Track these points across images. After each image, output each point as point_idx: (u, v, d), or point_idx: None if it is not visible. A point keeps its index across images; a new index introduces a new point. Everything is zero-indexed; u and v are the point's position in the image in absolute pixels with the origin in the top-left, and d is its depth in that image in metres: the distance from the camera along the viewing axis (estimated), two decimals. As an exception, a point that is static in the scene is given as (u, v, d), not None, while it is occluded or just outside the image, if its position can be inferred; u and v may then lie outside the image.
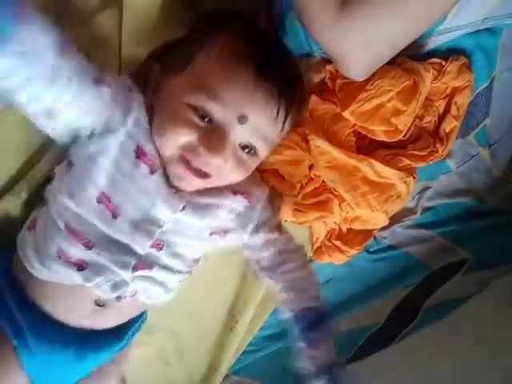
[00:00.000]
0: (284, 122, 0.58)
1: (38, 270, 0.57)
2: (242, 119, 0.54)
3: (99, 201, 0.55)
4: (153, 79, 0.59)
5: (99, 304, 0.59)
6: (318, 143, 0.70)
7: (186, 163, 0.55)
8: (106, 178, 0.55)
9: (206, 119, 0.54)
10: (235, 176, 0.59)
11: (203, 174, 0.56)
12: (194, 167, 0.55)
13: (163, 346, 0.78)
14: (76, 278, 0.56)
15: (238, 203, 0.62)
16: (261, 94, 0.54)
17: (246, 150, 0.57)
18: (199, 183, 0.57)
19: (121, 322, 0.63)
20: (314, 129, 0.70)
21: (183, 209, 0.58)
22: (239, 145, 0.56)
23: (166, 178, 0.57)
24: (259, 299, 0.78)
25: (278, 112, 0.56)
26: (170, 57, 0.59)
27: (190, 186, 0.58)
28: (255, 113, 0.54)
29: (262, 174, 0.69)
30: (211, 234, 0.63)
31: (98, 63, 0.59)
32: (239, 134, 0.55)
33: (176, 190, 0.58)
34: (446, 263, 0.91)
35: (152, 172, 0.56)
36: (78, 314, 0.59)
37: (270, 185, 0.69)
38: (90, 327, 0.60)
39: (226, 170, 0.57)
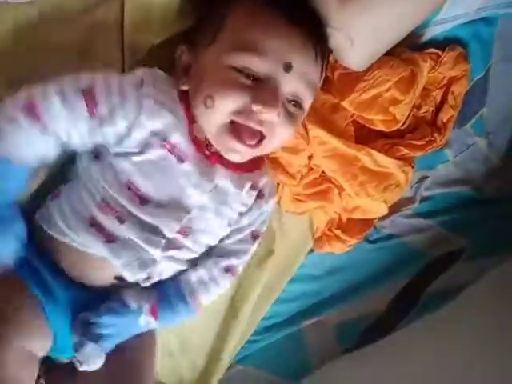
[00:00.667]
0: (323, 63, 0.59)
1: (65, 233, 0.56)
2: (288, 67, 0.54)
3: (128, 187, 0.55)
4: (181, 61, 0.59)
5: (118, 279, 0.59)
6: (318, 133, 0.71)
7: (237, 133, 0.55)
8: (135, 168, 0.55)
9: (252, 78, 0.54)
10: (286, 132, 0.58)
11: (254, 144, 0.56)
12: (246, 136, 0.55)
13: (166, 337, 0.78)
14: (102, 250, 0.56)
15: (251, 196, 0.64)
16: (297, 37, 0.54)
17: (293, 103, 0.57)
18: (250, 153, 0.58)
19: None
20: (314, 119, 0.70)
21: (211, 191, 0.59)
22: (287, 98, 0.56)
23: (201, 154, 0.58)
24: (260, 288, 0.79)
25: (316, 52, 0.57)
26: (195, 34, 0.59)
27: (241, 157, 0.59)
28: (297, 57, 0.55)
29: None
30: (229, 224, 0.64)
31: (101, 52, 0.60)
32: (287, 82, 0.55)
33: (210, 165, 0.58)
34: (445, 252, 0.92)
35: (181, 160, 0.56)
36: (95, 284, 0.59)
37: (270, 174, 0.70)
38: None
39: (277, 126, 0.56)
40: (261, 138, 0.56)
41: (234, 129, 0.55)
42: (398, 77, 0.70)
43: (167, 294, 0.63)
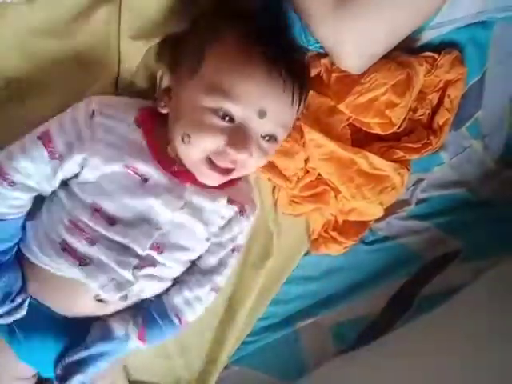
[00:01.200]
0: (299, 105, 0.60)
1: (40, 259, 0.58)
2: (262, 113, 0.55)
3: (94, 209, 0.56)
4: (162, 84, 0.60)
5: (99, 300, 0.60)
6: (314, 136, 0.71)
7: (212, 164, 0.57)
8: (98, 191, 0.57)
9: (226, 118, 0.55)
10: (258, 164, 0.61)
11: (228, 171, 0.58)
12: (220, 167, 0.57)
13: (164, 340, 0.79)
14: (78, 273, 0.57)
15: (229, 210, 0.64)
16: (275, 85, 0.55)
17: (267, 139, 0.59)
18: (223, 179, 0.59)
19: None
20: (310, 122, 0.71)
21: (182, 208, 0.59)
22: (260, 135, 0.58)
23: (169, 174, 0.59)
24: (257, 290, 0.79)
25: (293, 98, 0.57)
26: (177, 61, 0.60)
27: (214, 183, 0.60)
28: (273, 104, 0.56)
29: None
30: (207, 239, 0.64)
31: (97, 58, 0.60)
32: (260, 127, 0.57)
33: (178, 184, 0.59)
34: (440, 254, 0.93)
35: (145, 180, 0.57)
36: (76, 307, 0.60)
37: (266, 177, 0.70)
38: (86, 317, 0.61)
39: (249, 161, 0.58)
40: (232, 170, 0.59)
41: (210, 162, 0.57)
42: (394, 80, 0.71)
43: (153, 316, 0.64)
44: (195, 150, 0.56)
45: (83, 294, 0.59)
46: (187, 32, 0.61)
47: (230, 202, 0.64)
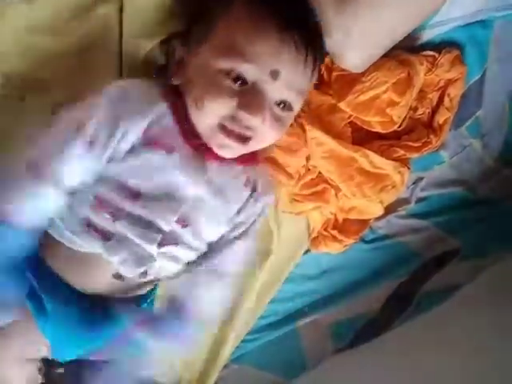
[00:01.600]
0: (313, 70, 0.59)
1: (64, 235, 0.57)
2: (275, 74, 0.54)
3: (118, 184, 0.56)
4: (175, 56, 0.60)
5: (117, 277, 0.59)
6: (315, 134, 0.71)
7: (227, 131, 0.55)
8: (122, 167, 0.56)
9: (239, 82, 0.54)
10: (274, 134, 0.59)
11: (244, 139, 0.56)
12: (235, 133, 0.55)
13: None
14: (99, 248, 0.56)
15: (246, 193, 0.64)
16: (287, 45, 0.54)
17: (281, 106, 0.57)
18: (241, 149, 0.58)
19: (136, 294, 0.64)
20: (311, 120, 0.71)
21: (205, 184, 0.59)
22: (274, 102, 0.57)
23: (193, 149, 0.58)
24: (257, 288, 0.79)
25: (306, 61, 0.56)
26: (189, 30, 0.59)
27: (232, 153, 0.59)
28: (286, 65, 0.55)
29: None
30: (227, 219, 0.64)
31: (97, 56, 0.60)
32: (274, 90, 0.55)
33: (202, 160, 0.59)
34: (440, 252, 0.93)
35: (170, 152, 0.56)
36: (94, 283, 0.59)
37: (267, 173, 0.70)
38: (105, 295, 0.61)
39: (265, 129, 0.57)
40: (248, 138, 0.57)
41: (225, 128, 0.56)
42: (395, 79, 0.71)
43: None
44: (208, 114, 0.55)
45: (102, 270, 0.58)
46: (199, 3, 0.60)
47: (247, 183, 0.63)
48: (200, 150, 0.59)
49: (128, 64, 0.61)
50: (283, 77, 0.55)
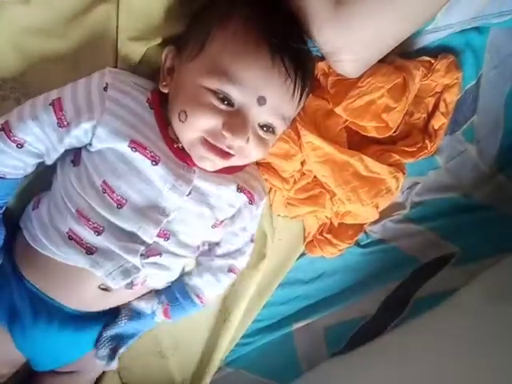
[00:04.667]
0: (300, 99, 0.59)
1: (46, 248, 0.57)
2: (261, 100, 0.55)
3: (103, 190, 0.56)
4: (166, 63, 0.60)
5: (103, 288, 0.60)
6: (310, 139, 0.71)
7: (209, 145, 0.56)
8: (109, 171, 0.56)
9: (225, 102, 0.54)
10: (256, 154, 0.60)
11: (226, 154, 0.57)
12: (217, 148, 0.56)
13: (158, 338, 0.79)
14: (83, 262, 0.57)
15: (240, 200, 0.64)
16: (278, 73, 0.55)
17: (265, 129, 0.58)
18: (222, 163, 0.58)
19: (122, 303, 0.65)
20: (307, 124, 0.71)
21: (189, 193, 0.59)
22: (258, 124, 0.57)
23: (177, 158, 0.58)
24: (252, 291, 0.79)
25: (294, 90, 0.57)
26: (182, 42, 0.60)
27: (213, 166, 0.59)
28: (273, 93, 0.55)
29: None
30: (213, 226, 0.64)
31: (94, 58, 0.60)
32: (259, 114, 0.56)
33: (187, 168, 0.59)
34: (434, 257, 0.93)
35: (155, 163, 0.57)
36: (79, 297, 0.60)
37: (259, 177, 0.70)
38: (89, 310, 0.61)
39: (247, 149, 0.58)
40: (230, 155, 0.57)
41: (206, 142, 0.56)
42: (390, 84, 0.71)
43: (176, 296, 0.68)
44: (191, 128, 0.55)
45: (87, 283, 0.59)
46: (196, 12, 0.61)
47: (240, 189, 0.64)
48: (186, 159, 0.59)
49: (123, 67, 0.60)
50: (270, 103, 0.55)
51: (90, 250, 0.57)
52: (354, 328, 0.93)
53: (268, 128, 0.58)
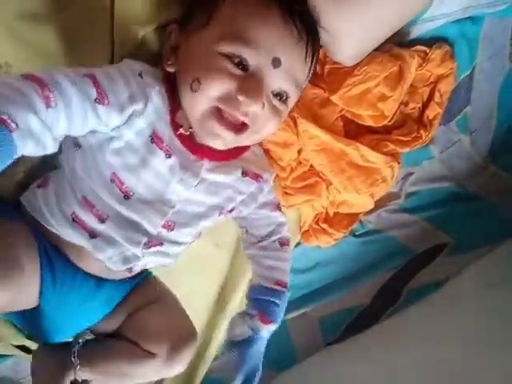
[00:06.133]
0: (311, 64, 0.59)
1: (51, 225, 0.57)
2: (276, 62, 0.54)
3: (112, 180, 0.55)
4: (171, 41, 0.59)
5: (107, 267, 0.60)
6: (307, 127, 0.71)
7: (220, 117, 0.54)
8: (120, 162, 0.55)
9: (240, 66, 0.54)
10: (269, 127, 0.59)
11: (239, 128, 0.55)
12: (230, 121, 0.55)
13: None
14: (86, 244, 0.57)
15: (247, 185, 0.64)
16: (291, 35, 0.54)
17: (278, 98, 0.57)
18: (233, 139, 0.57)
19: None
20: (303, 113, 0.71)
21: (196, 185, 0.58)
22: (272, 92, 0.57)
23: (185, 147, 0.57)
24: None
25: (306, 52, 0.57)
26: (185, 18, 0.59)
27: (224, 144, 0.58)
28: (287, 55, 0.55)
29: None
30: (220, 214, 0.64)
31: (90, 47, 0.59)
32: (273, 78, 0.55)
33: (195, 160, 0.58)
34: (429, 247, 0.94)
35: (168, 155, 0.56)
36: (88, 268, 0.60)
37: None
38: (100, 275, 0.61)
39: (261, 118, 0.56)
40: (242, 127, 0.56)
41: (219, 114, 0.54)
42: (386, 72, 0.71)
43: (258, 298, 0.68)
44: (204, 96, 0.53)
45: (91, 260, 0.59)
46: None
47: (245, 173, 0.63)
48: (194, 151, 0.58)
49: (119, 53, 0.60)
50: (284, 65, 0.55)
51: (92, 234, 0.56)
52: (349, 317, 0.93)
53: (281, 97, 0.57)
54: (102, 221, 0.56)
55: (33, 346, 0.69)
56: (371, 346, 0.93)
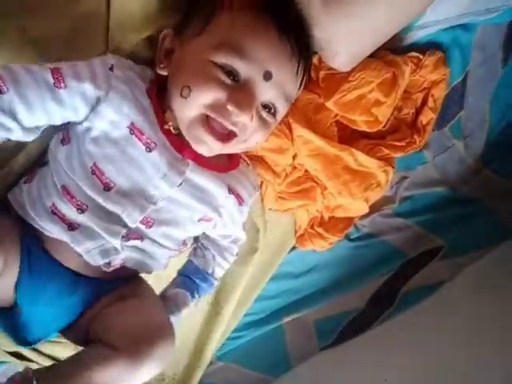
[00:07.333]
0: (302, 79, 0.60)
1: (32, 220, 0.57)
2: (267, 75, 0.55)
3: (92, 171, 0.55)
4: (164, 45, 0.59)
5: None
6: (302, 132, 0.72)
7: (209, 126, 0.55)
8: (99, 151, 0.55)
9: (231, 77, 0.54)
10: (257, 136, 0.59)
11: (225, 137, 0.56)
12: (217, 130, 0.55)
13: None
14: (64, 237, 0.56)
15: (229, 202, 0.64)
16: (284, 50, 0.55)
17: (267, 110, 0.58)
18: (219, 147, 0.57)
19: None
20: (298, 118, 0.71)
21: (180, 184, 0.58)
22: (262, 104, 0.57)
23: (173, 146, 0.58)
24: (244, 285, 0.79)
25: (298, 68, 0.57)
26: (182, 24, 0.59)
27: (209, 151, 0.58)
28: (279, 69, 0.55)
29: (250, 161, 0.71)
30: (199, 220, 0.63)
31: (85, 49, 0.59)
32: (264, 91, 0.56)
33: (181, 159, 0.58)
34: (423, 251, 0.95)
35: (149, 149, 0.56)
36: (67, 262, 0.59)
37: (256, 172, 0.70)
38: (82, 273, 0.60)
39: (250, 129, 0.57)
40: (230, 136, 0.57)
41: (207, 122, 0.55)
42: (380, 79, 0.72)
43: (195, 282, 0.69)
44: (194, 103, 0.54)
45: (70, 253, 0.58)
46: None
47: (231, 191, 0.63)
48: (181, 148, 0.58)
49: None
50: (275, 79, 0.55)
51: (71, 226, 0.56)
52: (344, 321, 0.94)
53: (270, 109, 0.58)
54: (81, 211, 0.56)
55: (26, 352, 0.69)
56: (366, 350, 0.93)
